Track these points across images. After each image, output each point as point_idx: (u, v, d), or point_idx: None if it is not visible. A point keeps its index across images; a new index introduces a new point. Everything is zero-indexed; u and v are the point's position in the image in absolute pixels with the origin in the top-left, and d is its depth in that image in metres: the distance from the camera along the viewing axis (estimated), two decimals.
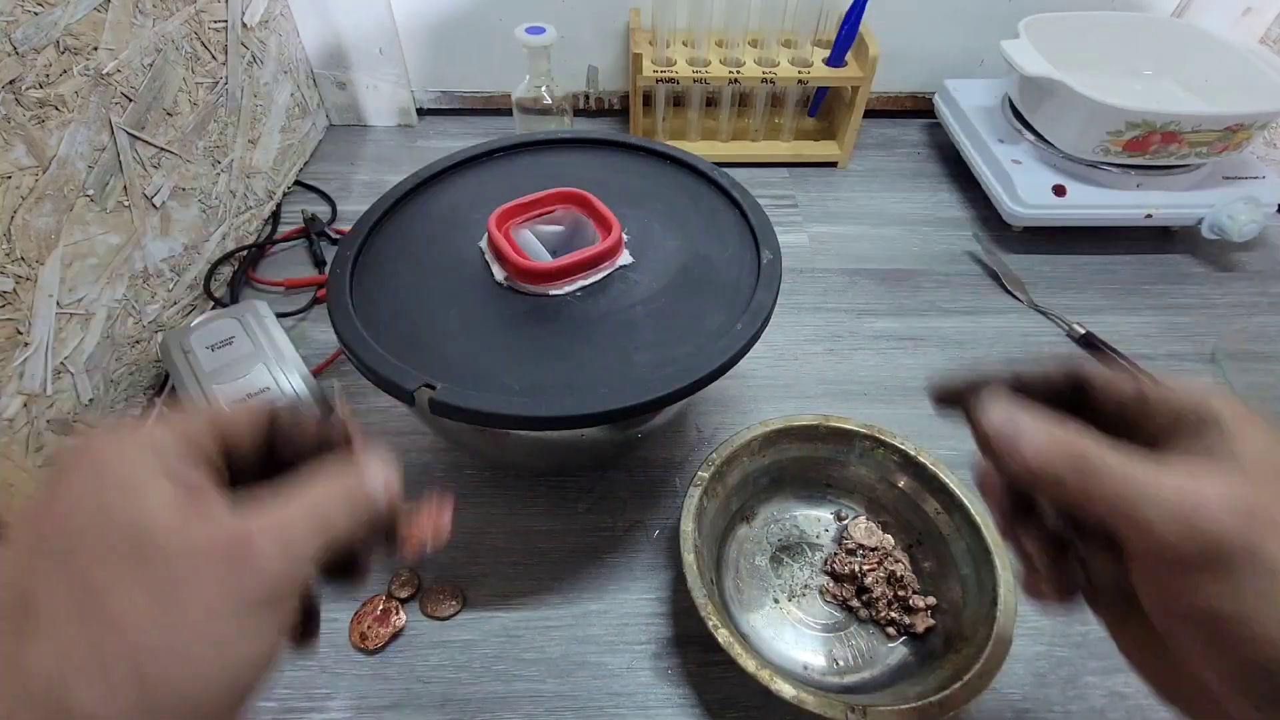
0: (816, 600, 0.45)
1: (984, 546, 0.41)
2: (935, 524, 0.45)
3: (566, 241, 0.47)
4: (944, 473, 0.45)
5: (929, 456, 0.45)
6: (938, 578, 0.44)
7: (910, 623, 0.43)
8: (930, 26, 0.84)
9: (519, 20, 0.70)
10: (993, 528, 0.41)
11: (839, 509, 0.49)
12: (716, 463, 0.44)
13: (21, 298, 0.44)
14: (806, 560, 0.47)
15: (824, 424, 0.47)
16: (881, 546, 0.46)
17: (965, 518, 0.43)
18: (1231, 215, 0.66)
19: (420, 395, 0.36)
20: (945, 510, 0.45)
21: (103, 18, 0.49)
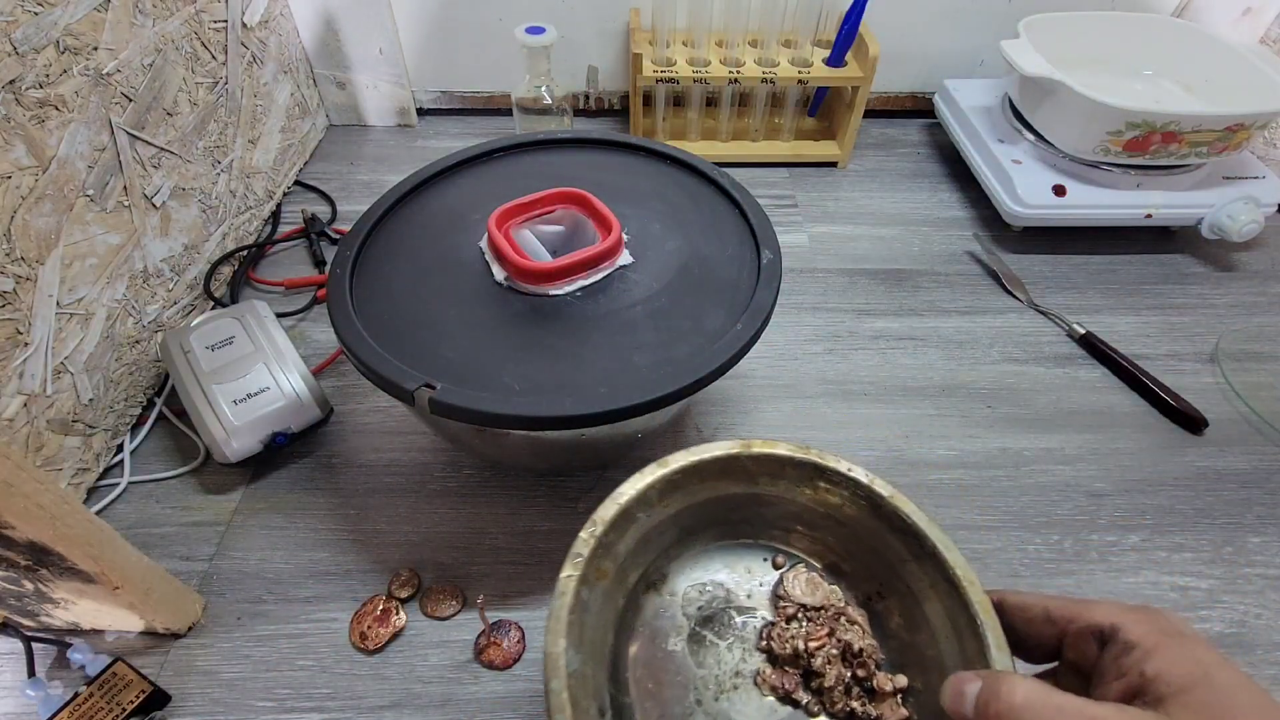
0: (754, 694, 0.33)
1: (968, 613, 0.30)
2: (901, 576, 0.34)
3: (566, 241, 0.47)
4: (908, 509, 0.33)
5: (886, 487, 0.34)
6: (907, 645, 0.33)
7: (876, 715, 0.32)
8: (930, 26, 0.84)
9: (519, 20, 0.70)
10: (978, 584, 0.31)
11: (774, 553, 0.38)
12: (597, 533, 0.31)
13: (21, 298, 0.44)
14: (736, 634, 0.35)
15: (744, 453, 0.35)
16: (829, 604, 0.35)
17: (940, 570, 0.32)
18: (1231, 215, 0.66)
19: (420, 395, 0.36)
20: (913, 557, 0.33)
21: (103, 18, 0.49)
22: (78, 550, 0.35)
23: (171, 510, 0.50)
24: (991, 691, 0.23)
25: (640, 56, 0.74)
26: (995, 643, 0.29)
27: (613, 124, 0.89)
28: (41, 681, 0.40)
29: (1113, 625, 0.24)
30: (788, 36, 0.77)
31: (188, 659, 0.43)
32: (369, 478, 0.52)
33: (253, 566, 0.47)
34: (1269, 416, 0.57)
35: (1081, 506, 0.52)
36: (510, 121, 0.84)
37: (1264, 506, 0.52)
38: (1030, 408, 0.58)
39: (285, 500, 0.51)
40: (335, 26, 0.78)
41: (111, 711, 0.39)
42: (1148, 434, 0.56)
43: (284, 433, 0.50)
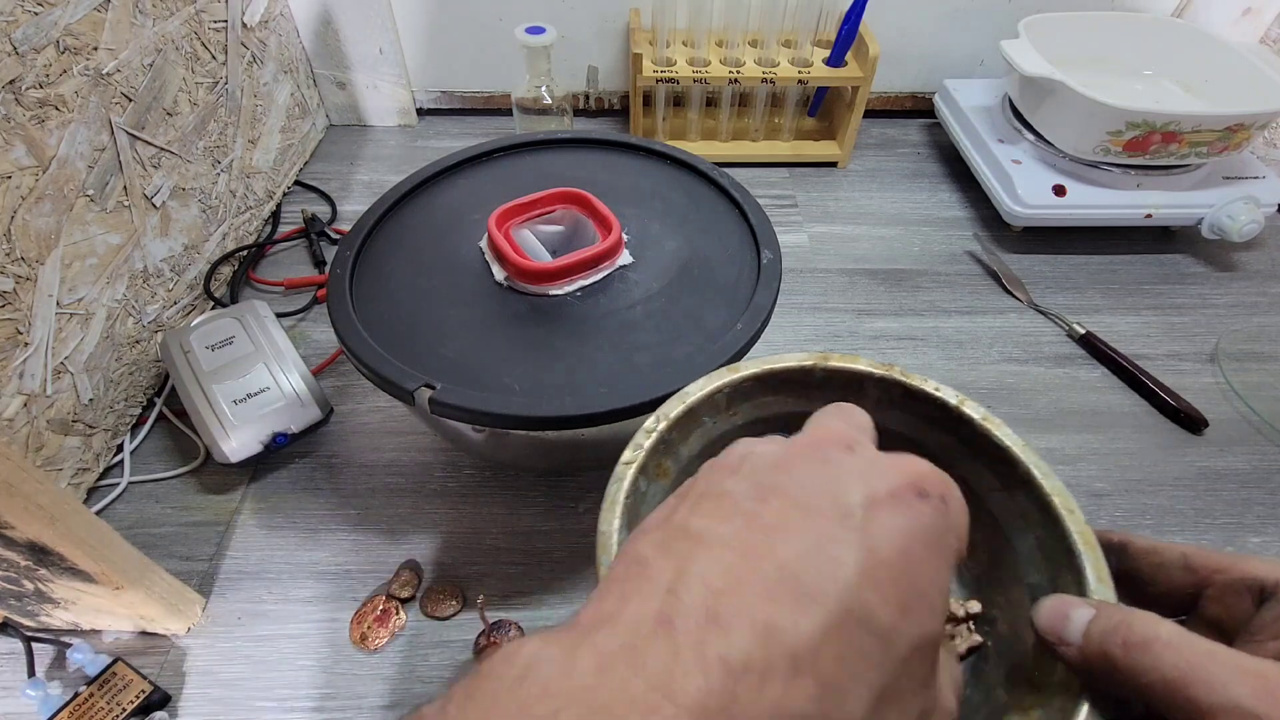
0: None
1: (1065, 544, 0.27)
2: (988, 506, 0.31)
3: (566, 241, 0.47)
4: (1000, 432, 0.31)
5: (977, 409, 0.31)
6: (989, 579, 0.31)
7: (950, 636, 0.30)
8: (930, 26, 0.84)
9: (519, 20, 0.70)
10: (1079, 513, 0.28)
11: None
12: (661, 428, 0.30)
13: (21, 298, 0.44)
14: None
15: (820, 365, 0.33)
16: None
17: (1035, 499, 0.29)
18: (1231, 215, 0.66)
19: (420, 395, 0.36)
20: (1003, 487, 0.31)
21: (103, 18, 0.49)
22: (78, 550, 0.35)
23: (171, 510, 0.50)
24: (1118, 622, 0.20)
25: (640, 56, 0.74)
26: (1095, 574, 0.26)
27: (613, 124, 0.89)
28: (41, 681, 0.40)
29: (1278, 581, 0.21)
30: (788, 36, 0.77)
31: (188, 659, 0.43)
32: (369, 478, 0.52)
33: (253, 566, 0.47)
34: (1269, 416, 0.57)
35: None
36: (510, 121, 0.84)
37: (1264, 506, 0.52)
38: (1030, 408, 0.58)
39: (285, 500, 0.51)
40: (335, 26, 0.78)
41: (111, 711, 0.39)
42: (1148, 434, 0.56)
43: (284, 433, 0.50)
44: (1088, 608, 0.21)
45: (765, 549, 0.16)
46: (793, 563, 0.16)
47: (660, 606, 0.15)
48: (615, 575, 0.17)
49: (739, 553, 0.16)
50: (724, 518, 0.17)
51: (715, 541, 0.16)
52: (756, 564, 0.16)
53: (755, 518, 0.17)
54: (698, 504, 0.18)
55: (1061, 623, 0.21)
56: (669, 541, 0.17)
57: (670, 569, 0.16)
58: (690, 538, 0.17)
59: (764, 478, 0.18)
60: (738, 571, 0.15)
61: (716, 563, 0.16)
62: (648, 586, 0.16)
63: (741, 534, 0.16)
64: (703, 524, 0.17)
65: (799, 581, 0.15)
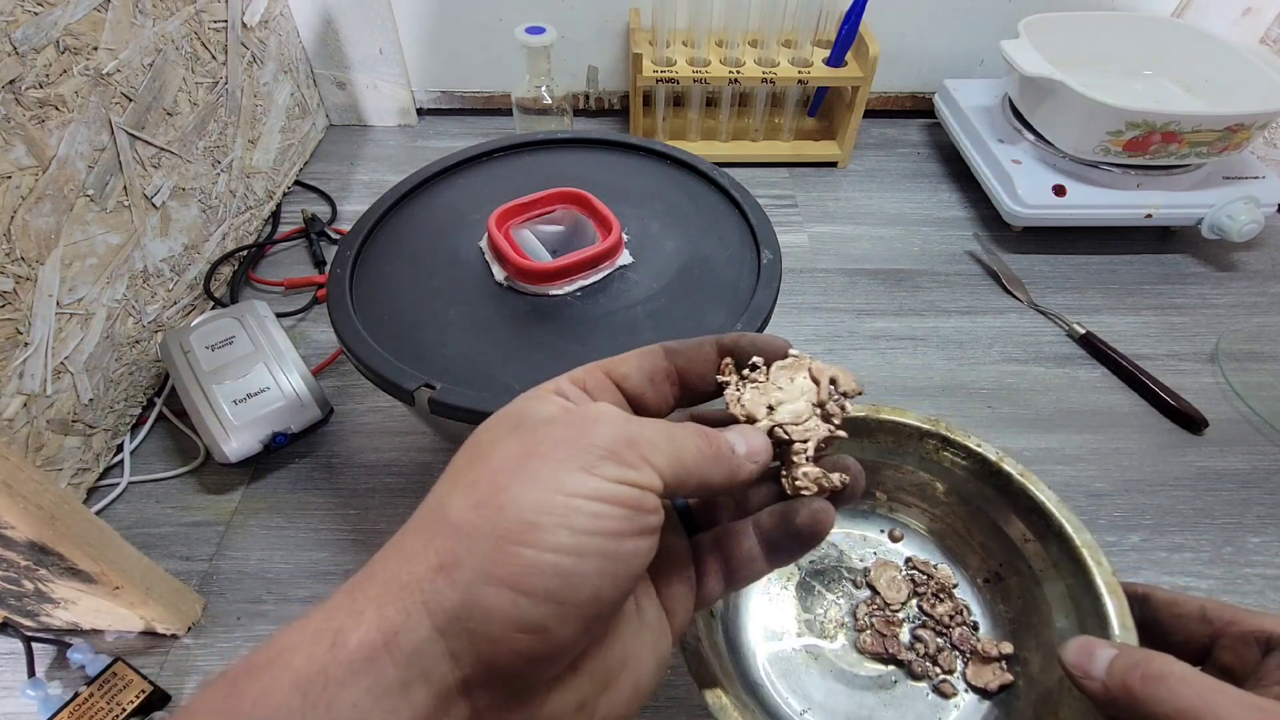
0: (854, 644, 0.36)
1: (1093, 592, 0.30)
2: (1023, 554, 0.34)
3: (566, 241, 0.47)
4: (1036, 487, 0.34)
5: (1015, 465, 0.35)
6: (1021, 623, 0.34)
7: (975, 672, 0.33)
8: (930, 26, 0.84)
9: (519, 20, 0.70)
10: (1106, 565, 0.31)
11: (893, 527, 0.39)
12: None
13: (21, 298, 0.44)
14: (845, 591, 0.37)
15: (873, 416, 0.36)
16: (922, 590, 0.37)
17: (1066, 549, 0.32)
18: (1231, 215, 0.66)
19: (420, 395, 0.36)
20: (1037, 537, 0.34)
21: (103, 18, 0.49)
22: (78, 550, 0.35)
23: (171, 510, 0.50)
24: (1139, 659, 0.22)
25: (640, 56, 0.74)
26: (1120, 621, 0.28)
27: (613, 124, 0.89)
28: (41, 681, 0.40)
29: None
30: (788, 36, 0.77)
31: (188, 659, 0.43)
32: (369, 478, 0.52)
33: (253, 566, 0.47)
34: (1269, 416, 0.57)
35: (1081, 506, 0.52)
36: (510, 121, 0.84)
37: (1264, 506, 0.52)
38: (1030, 408, 0.58)
39: (285, 500, 0.51)
40: (335, 26, 0.78)
41: (111, 711, 0.39)
42: (1148, 434, 0.56)
43: (284, 433, 0.50)
44: (1111, 647, 0.23)
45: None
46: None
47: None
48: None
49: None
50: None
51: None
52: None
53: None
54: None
55: (1088, 660, 0.23)
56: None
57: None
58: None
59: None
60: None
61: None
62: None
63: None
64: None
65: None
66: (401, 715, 0.15)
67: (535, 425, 0.19)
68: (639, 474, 0.18)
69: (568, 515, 0.16)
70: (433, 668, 0.15)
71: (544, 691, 0.17)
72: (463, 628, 0.16)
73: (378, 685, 0.15)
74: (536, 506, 0.16)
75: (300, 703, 0.14)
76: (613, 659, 0.19)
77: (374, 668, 0.15)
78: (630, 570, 0.17)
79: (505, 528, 0.16)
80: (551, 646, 0.16)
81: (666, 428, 0.19)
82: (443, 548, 0.16)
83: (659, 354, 0.22)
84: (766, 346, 0.23)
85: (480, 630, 0.16)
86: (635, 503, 0.17)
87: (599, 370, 0.21)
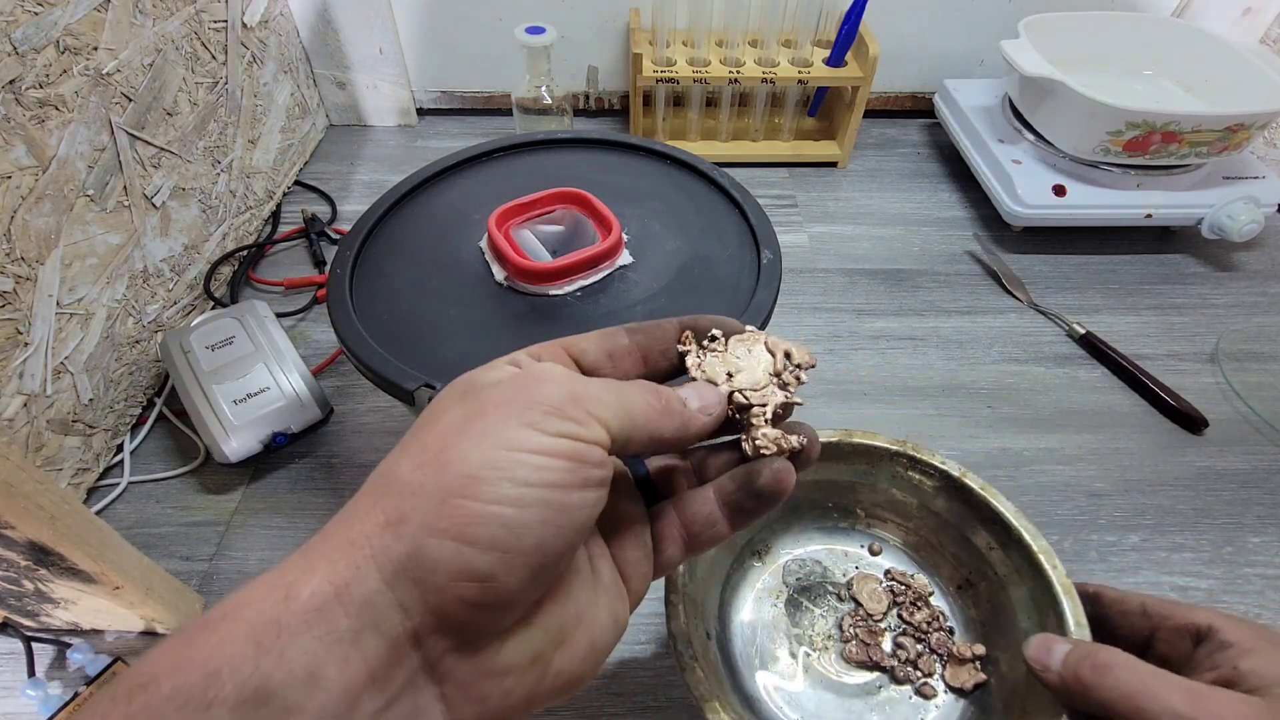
0: (838, 657, 0.38)
1: (1051, 594, 0.33)
2: (989, 561, 0.37)
3: (566, 241, 0.47)
4: (996, 500, 0.37)
5: (977, 479, 0.38)
6: (991, 626, 0.37)
7: (953, 673, 0.36)
8: (930, 26, 0.84)
9: (519, 20, 0.70)
10: (1061, 569, 0.34)
11: (871, 541, 0.42)
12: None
13: (21, 298, 0.44)
14: (830, 605, 0.40)
15: (845, 440, 0.39)
16: (898, 599, 0.40)
17: (1025, 556, 0.35)
18: (1231, 215, 0.66)
19: (420, 395, 0.36)
20: (1000, 545, 0.37)
21: (103, 18, 0.49)
22: (78, 550, 0.35)
23: (171, 510, 0.50)
24: (1089, 652, 0.25)
25: (640, 56, 0.74)
26: (1074, 619, 0.32)
27: (613, 124, 0.89)
28: (41, 681, 0.40)
29: (1210, 625, 0.26)
30: (788, 36, 0.77)
31: None
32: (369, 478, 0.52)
33: (253, 566, 0.47)
34: (1269, 416, 0.57)
35: (1081, 506, 0.52)
36: (510, 121, 0.84)
37: (1264, 506, 0.52)
38: (1030, 408, 0.58)
39: (285, 500, 0.51)
40: (335, 26, 0.78)
41: None
42: (1148, 434, 0.56)
43: (284, 433, 0.50)
44: (1066, 643, 0.27)
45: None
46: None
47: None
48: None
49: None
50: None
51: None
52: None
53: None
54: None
55: (1046, 654, 0.27)
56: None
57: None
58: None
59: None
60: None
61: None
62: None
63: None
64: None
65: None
66: (353, 663, 0.15)
67: (483, 388, 0.19)
68: (584, 429, 0.18)
69: (510, 468, 0.17)
70: (383, 618, 0.16)
71: (496, 643, 0.18)
72: (410, 578, 0.16)
73: (329, 634, 0.15)
74: (480, 461, 0.17)
75: (254, 651, 0.15)
76: (567, 615, 0.19)
77: (325, 617, 0.15)
78: (575, 521, 0.18)
79: (449, 483, 0.17)
80: (497, 595, 0.17)
81: (614, 385, 0.20)
82: (389, 506, 0.17)
83: (619, 333, 0.23)
84: (725, 324, 0.24)
85: (427, 580, 0.16)
86: (579, 455, 0.18)
87: (556, 346, 0.22)
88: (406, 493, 0.17)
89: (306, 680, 0.15)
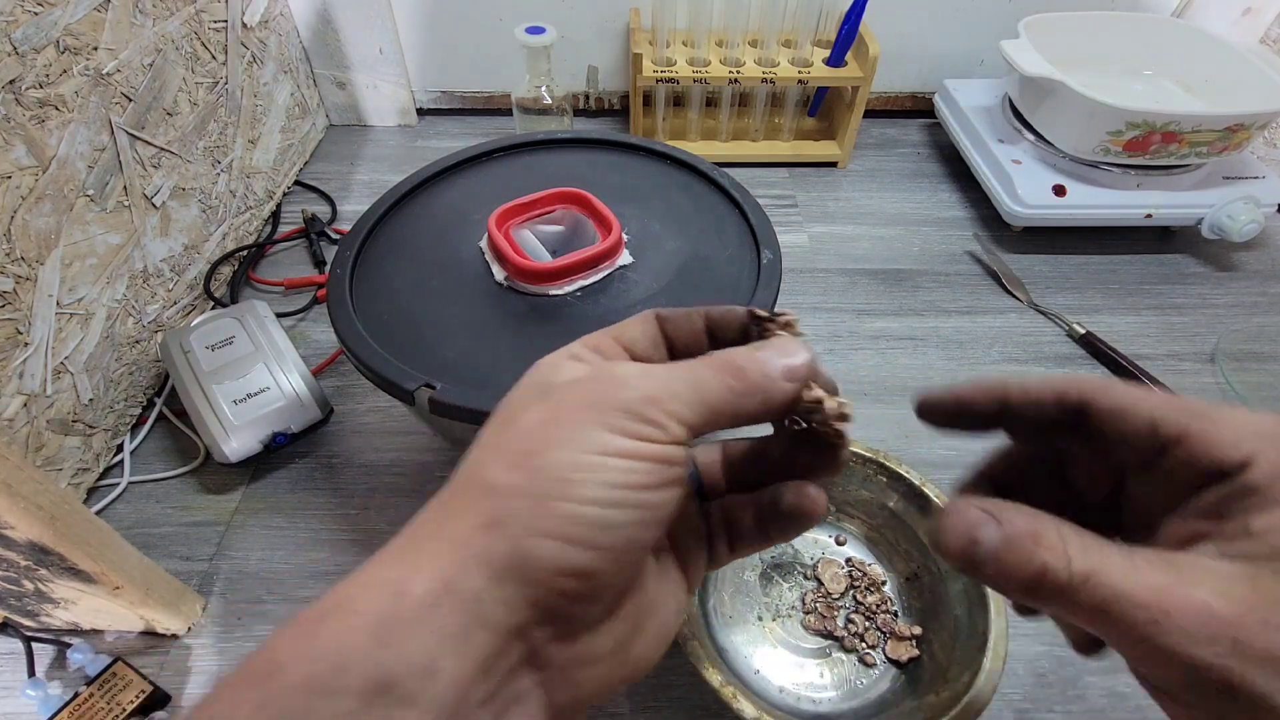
0: (800, 626, 0.44)
1: (981, 589, 0.39)
2: (934, 558, 0.43)
3: (566, 241, 0.47)
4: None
5: (934, 490, 0.43)
6: (930, 613, 0.43)
7: (892, 647, 0.42)
8: (930, 26, 0.84)
9: (519, 20, 0.70)
10: None
11: (838, 533, 0.48)
12: None
13: (21, 298, 0.44)
14: (797, 581, 0.46)
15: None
16: (855, 583, 0.46)
17: None
18: (1231, 215, 0.66)
19: (420, 395, 0.36)
20: None
21: (103, 18, 0.49)
22: (78, 550, 0.35)
23: (171, 510, 0.50)
24: (1028, 559, 0.17)
25: (640, 56, 0.74)
26: (995, 609, 0.38)
27: (613, 124, 0.89)
28: (41, 681, 0.40)
29: (1243, 459, 0.18)
30: (788, 36, 0.77)
31: (188, 659, 0.43)
32: (369, 478, 0.52)
33: (253, 566, 0.47)
34: None
35: None
36: (510, 121, 0.84)
37: None
38: None
39: (285, 500, 0.51)
40: (335, 26, 0.78)
41: (111, 711, 0.39)
42: None
43: (284, 433, 0.50)
44: (993, 525, 0.18)
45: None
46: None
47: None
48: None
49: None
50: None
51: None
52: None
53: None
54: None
55: (971, 548, 0.18)
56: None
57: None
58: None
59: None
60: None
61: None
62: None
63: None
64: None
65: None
66: (465, 655, 0.16)
67: (560, 388, 0.20)
68: (663, 430, 0.19)
69: (599, 471, 0.18)
70: (489, 613, 0.17)
71: (588, 633, 0.19)
72: (514, 576, 0.17)
73: (442, 629, 0.16)
74: (571, 465, 0.18)
75: (375, 644, 0.16)
76: (643, 605, 0.21)
77: (437, 614, 0.16)
78: (660, 516, 0.19)
79: (544, 486, 0.18)
80: (595, 587, 0.18)
81: (690, 375, 0.20)
82: (486, 508, 0.18)
83: (652, 320, 0.23)
84: (743, 315, 0.24)
85: (531, 576, 0.17)
86: (660, 456, 0.18)
87: (609, 337, 0.22)
88: (502, 495, 0.18)
89: (424, 673, 0.16)
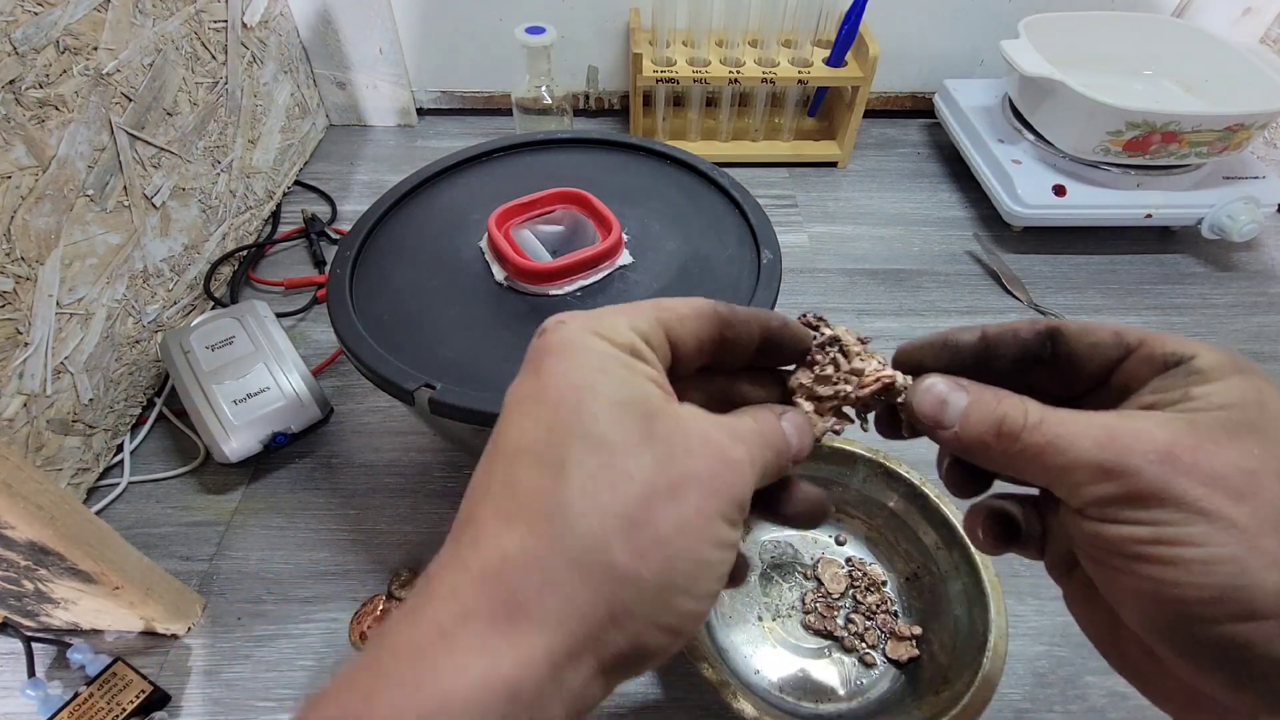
0: (800, 626, 0.44)
1: (980, 589, 0.39)
2: (935, 558, 0.44)
3: (566, 241, 0.47)
4: (946, 506, 0.43)
5: (934, 489, 0.44)
6: (928, 615, 0.43)
7: (893, 647, 0.42)
8: (930, 26, 0.84)
9: (519, 20, 0.70)
10: (992, 568, 0.40)
11: (839, 533, 0.47)
12: None
13: (21, 298, 0.44)
14: (797, 581, 0.46)
15: (826, 445, 0.45)
16: (855, 583, 0.45)
17: (964, 556, 0.41)
18: (1231, 215, 0.66)
19: (420, 395, 0.36)
20: (945, 545, 0.43)
21: (103, 18, 0.49)
22: (78, 550, 0.35)
23: (171, 510, 0.50)
24: (993, 413, 0.20)
25: (640, 56, 0.74)
26: (995, 609, 0.38)
27: (613, 124, 0.89)
28: (41, 681, 0.40)
29: (1193, 354, 0.20)
30: (788, 36, 0.77)
31: (188, 659, 0.43)
32: (369, 478, 0.52)
33: (253, 566, 0.47)
34: None
35: None
36: (510, 121, 0.84)
37: None
38: None
39: (285, 500, 0.51)
40: (335, 26, 0.78)
41: (111, 711, 0.39)
42: None
43: (284, 433, 0.50)
44: (962, 392, 0.22)
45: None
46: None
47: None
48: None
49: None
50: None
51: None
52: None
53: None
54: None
55: (940, 408, 0.22)
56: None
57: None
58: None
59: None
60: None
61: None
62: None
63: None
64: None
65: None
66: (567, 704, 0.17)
67: (669, 440, 0.18)
68: (745, 514, 0.20)
69: (718, 567, 0.19)
70: (584, 692, 0.17)
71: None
72: (619, 664, 0.18)
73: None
74: (696, 561, 0.18)
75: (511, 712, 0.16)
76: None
77: (543, 703, 0.17)
78: (726, 572, 0.19)
79: (671, 579, 0.18)
80: (683, 643, 0.19)
81: (761, 453, 0.20)
82: (611, 596, 0.17)
83: (713, 319, 0.22)
84: (794, 332, 0.24)
85: (631, 661, 0.18)
86: (739, 542, 0.20)
87: (660, 328, 0.21)
88: (629, 585, 0.17)
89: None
